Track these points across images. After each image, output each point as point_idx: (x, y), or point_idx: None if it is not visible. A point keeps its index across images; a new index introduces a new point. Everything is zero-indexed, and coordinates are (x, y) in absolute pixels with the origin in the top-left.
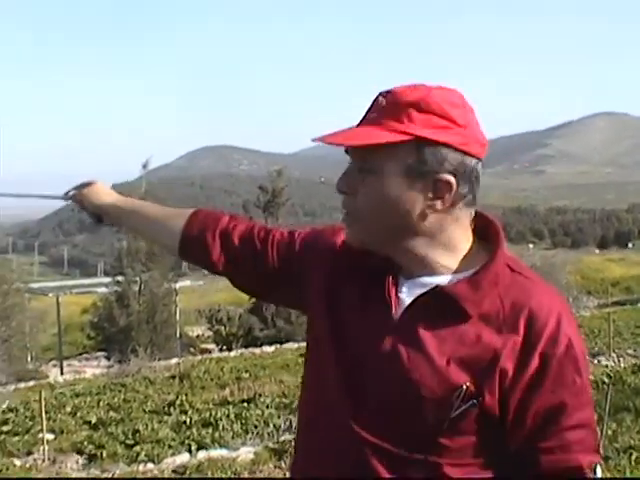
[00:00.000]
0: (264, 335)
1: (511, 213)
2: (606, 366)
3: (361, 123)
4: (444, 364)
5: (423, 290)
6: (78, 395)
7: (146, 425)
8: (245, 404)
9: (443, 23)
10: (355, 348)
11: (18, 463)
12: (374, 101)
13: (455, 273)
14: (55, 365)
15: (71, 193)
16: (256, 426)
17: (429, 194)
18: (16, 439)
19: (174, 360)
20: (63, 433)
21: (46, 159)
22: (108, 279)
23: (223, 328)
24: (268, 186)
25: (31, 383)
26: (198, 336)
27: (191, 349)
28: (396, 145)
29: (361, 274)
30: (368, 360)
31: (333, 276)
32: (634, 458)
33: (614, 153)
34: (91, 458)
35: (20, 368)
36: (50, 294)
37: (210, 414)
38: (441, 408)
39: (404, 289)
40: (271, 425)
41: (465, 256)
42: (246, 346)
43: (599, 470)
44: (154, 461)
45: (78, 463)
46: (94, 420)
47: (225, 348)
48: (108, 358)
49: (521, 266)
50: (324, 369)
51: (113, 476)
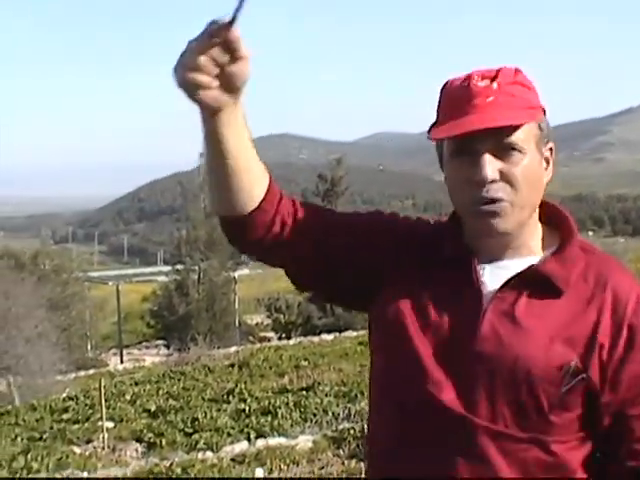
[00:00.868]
0: (323, 323)
1: (570, 201)
2: None
3: (476, 109)
4: (547, 342)
5: (508, 272)
6: (137, 383)
7: (205, 413)
8: (304, 392)
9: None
10: (450, 333)
11: (78, 451)
12: (471, 88)
13: (537, 254)
14: (115, 353)
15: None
16: (315, 414)
17: (544, 163)
18: (76, 427)
19: (233, 348)
20: (123, 421)
21: (94, 150)
22: (168, 268)
23: (282, 316)
24: (327, 175)
25: (91, 371)
26: (257, 324)
27: (250, 337)
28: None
29: (440, 259)
30: (468, 344)
31: (410, 263)
32: None
33: None
34: (150, 446)
35: (80, 356)
36: (110, 283)
37: (269, 402)
38: (551, 385)
39: (486, 272)
40: (330, 413)
41: (541, 237)
42: (305, 334)
43: None
44: (213, 449)
45: (137, 451)
46: (153, 408)
47: (284, 336)
48: (167, 346)
49: (593, 247)
50: (414, 358)
51: (172, 464)
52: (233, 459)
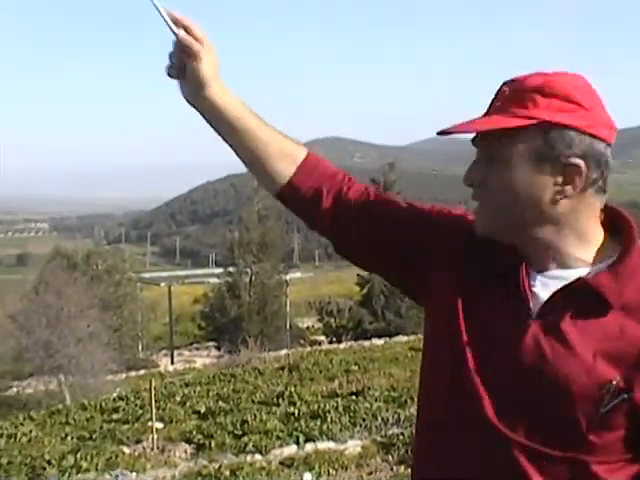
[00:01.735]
0: (374, 328)
1: (626, 207)
2: None
3: (486, 113)
4: (591, 358)
5: (558, 283)
6: (188, 385)
7: (254, 416)
8: (353, 397)
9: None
10: (493, 344)
11: (127, 451)
12: (498, 91)
13: (591, 265)
14: (166, 354)
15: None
16: (364, 419)
17: (559, 179)
18: (126, 427)
19: (284, 351)
20: (172, 422)
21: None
22: (219, 270)
23: (333, 320)
24: (380, 179)
25: (142, 372)
26: (308, 328)
27: (301, 341)
28: (522, 130)
29: (489, 267)
30: (510, 357)
31: (458, 268)
32: None
33: None
34: (199, 447)
35: (131, 357)
36: (162, 284)
37: (318, 406)
38: (591, 404)
39: (537, 283)
40: (379, 418)
41: (599, 248)
42: (355, 339)
43: None
44: (262, 452)
45: (186, 452)
46: (203, 410)
47: (335, 340)
48: (218, 348)
49: None
50: (456, 366)
51: (221, 466)
52: (282, 462)
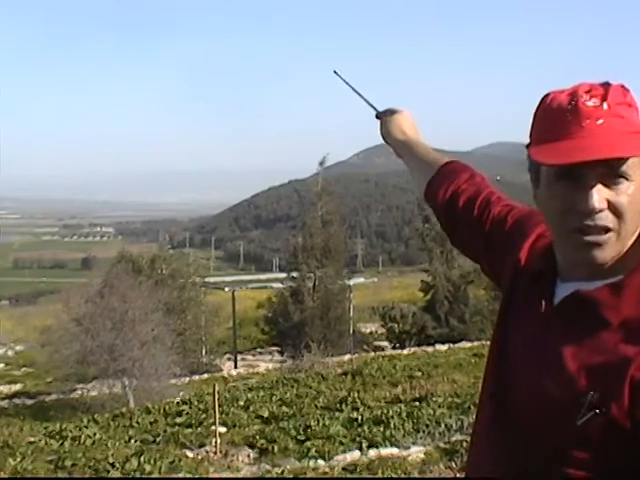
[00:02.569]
0: (437, 334)
1: None
2: None
3: (586, 133)
4: (575, 371)
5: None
6: (251, 389)
7: (317, 421)
8: (417, 403)
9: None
10: (511, 351)
11: (190, 455)
12: (580, 107)
13: (604, 278)
14: (229, 359)
15: (381, 113)
16: (427, 425)
17: None
18: (189, 431)
19: (347, 356)
20: (235, 426)
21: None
22: (283, 275)
23: (396, 326)
24: None
25: (205, 376)
26: (371, 333)
27: (364, 346)
28: None
29: (530, 276)
30: (517, 365)
31: (514, 273)
32: None
33: None
34: (262, 452)
35: (194, 361)
36: (226, 288)
37: (381, 412)
38: (567, 416)
39: (559, 292)
40: (442, 425)
41: (619, 259)
42: (419, 344)
43: None
44: (324, 458)
45: (249, 457)
46: (266, 414)
47: (398, 346)
48: (281, 353)
49: None
50: (485, 372)
51: (283, 471)
52: (344, 468)
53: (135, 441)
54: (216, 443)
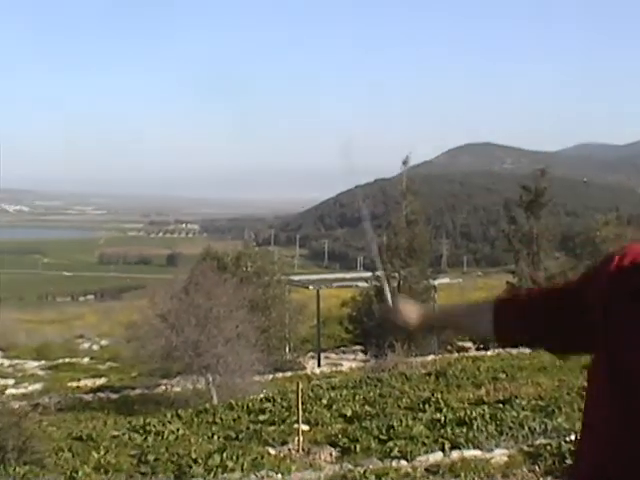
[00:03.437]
0: None
1: None
2: None
3: None
4: None
5: None
6: (334, 388)
7: (400, 421)
8: (500, 405)
9: None
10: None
11: (273, 452)
12: None
13: None
14: (312, 357)
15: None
16: (510, 428)
17: None
18: (272, 428)
19: (430, 357)
20: (318, 425)
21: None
22: (368, 274)
23: None
24: (531, 185)
25: (288, 374)
26: None
27: (448, 347)
28: None
29: (629, 295)
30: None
31: (614, 303)
32: None
33: None
34: (344, 451)
35: (278, 358)
36: (310, 287)
37: (465, 413)
38: None
39: None
40: (526, 428)
41: None
42: (503, 346)
43: None
44: (407, 458)
45: (332, 455)
46: (349, 413)
47: (482, 347)
48: (365, 352)
49: None
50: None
51: (366, 471)
52: (427, 469)
53: (218, 437)
54: (298, 441)
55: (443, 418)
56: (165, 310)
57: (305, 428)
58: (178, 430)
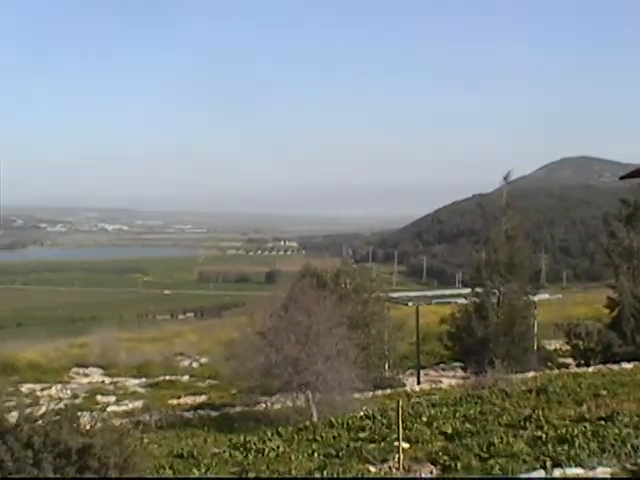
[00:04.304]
0: (623, 351)
1: None
2: None
3: None
4: None
5: None
6: (434, 405)
7: (501, 438)
8: (602, 422)
9: None
10: None
11: (373, 470)
12: None
13: None
14: (412, 374)
15: None
16: (613, 445)
17: None
18: (372, 446)
19: (531, 373)
20: (418, 442)
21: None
22: (466, 290)
23: (581, 342)
24: (630, 199)
25: (388, 391)
26: (555, 350)
27: (548, 363)
28: None
29: None
30: None
31: None
32: None
33: None
34: (445, 469)
35: (378, 375)
36: (410, 303)
37: (566, 430)
38: None
39: None
40: (628, 445)
41: None
42: (604, 362)
43: None
44: (508, 476)
45: (432, 473)
46: (449, 431)
47: (583, 363)
48: (464, 369)
49: None
50: None
51: None
52: None
53: (318, 455)
54: (399, 459)
55: (544, 435)
56: (264, 327)
57: (405, 446)
58: (278, 447)
